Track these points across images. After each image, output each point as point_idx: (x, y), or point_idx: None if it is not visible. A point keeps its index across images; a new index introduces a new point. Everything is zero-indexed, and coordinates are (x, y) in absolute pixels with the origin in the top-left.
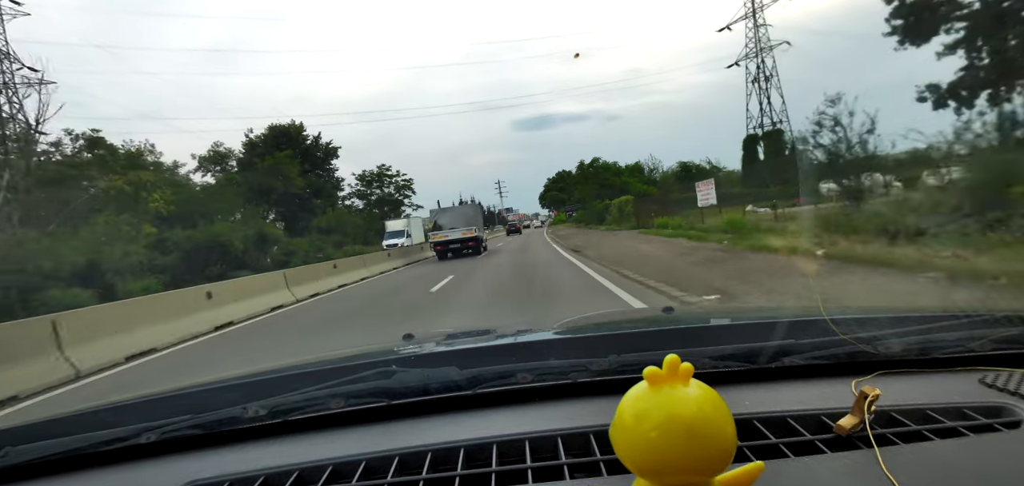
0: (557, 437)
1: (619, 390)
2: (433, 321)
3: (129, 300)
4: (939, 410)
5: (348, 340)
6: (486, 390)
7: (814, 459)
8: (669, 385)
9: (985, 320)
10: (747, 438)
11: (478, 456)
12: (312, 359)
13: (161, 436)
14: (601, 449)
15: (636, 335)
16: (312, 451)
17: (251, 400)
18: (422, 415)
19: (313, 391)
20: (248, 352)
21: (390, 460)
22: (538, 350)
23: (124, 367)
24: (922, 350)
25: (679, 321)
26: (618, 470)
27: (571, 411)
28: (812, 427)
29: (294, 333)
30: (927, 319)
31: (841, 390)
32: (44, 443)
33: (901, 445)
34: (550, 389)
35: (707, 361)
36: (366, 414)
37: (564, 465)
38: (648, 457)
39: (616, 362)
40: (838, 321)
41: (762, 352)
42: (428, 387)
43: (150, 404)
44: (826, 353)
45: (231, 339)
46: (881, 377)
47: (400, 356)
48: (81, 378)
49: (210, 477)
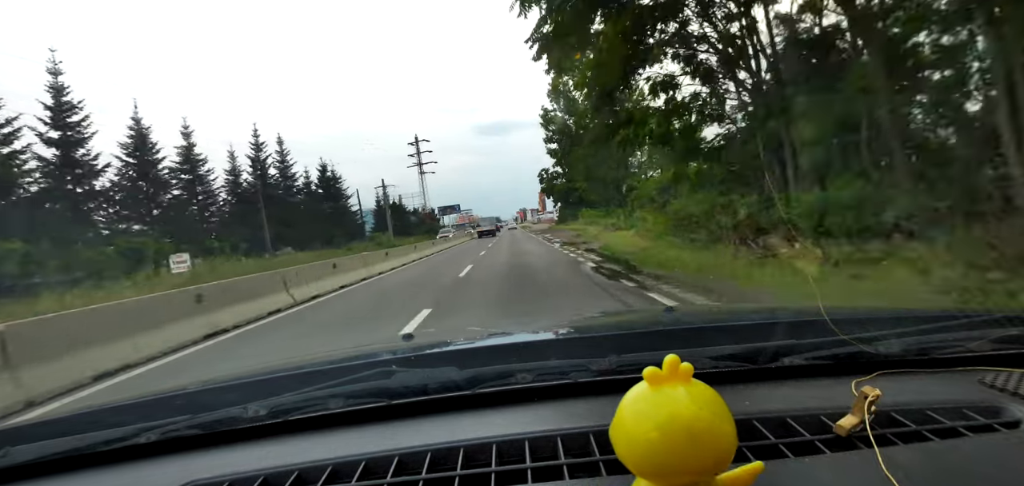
0: (557, 437)
1: (619, 390)
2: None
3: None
4: (939, 410)
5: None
6: (486, 390)
7: (814, 459)
8: (669, 385)
9: (985, 320)
10: (747, 438)
11: (478, 456)
12: (312, 359)
13: (160, 436)
14: (601, 449)
15: (636, 335)
16: (312, 451)
17: (250, 400)
18: (422, 415)
19: (313, 391)
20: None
21: (390, 460)
22: (538, 350)
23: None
24: (922, 350)
25: (679, 321)
26: (618, 470)
27: (571, 411)
28: (812, 427)
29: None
30: (927, 319)
31: (841, 390)
32: (44, 443)
33: (901, 445)
34: (550, 389)
35: (707, 361)
36: (366, 414)
37: (564, 465)
38: (648, 457)
39: (616, 362)
40: (838, 321)
41: (762, 352)
42: (428, 387)
43: (149, 404)
44: (826, 353)
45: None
46: (881, 377)
47: (400, 356)
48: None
49: (210, 477)
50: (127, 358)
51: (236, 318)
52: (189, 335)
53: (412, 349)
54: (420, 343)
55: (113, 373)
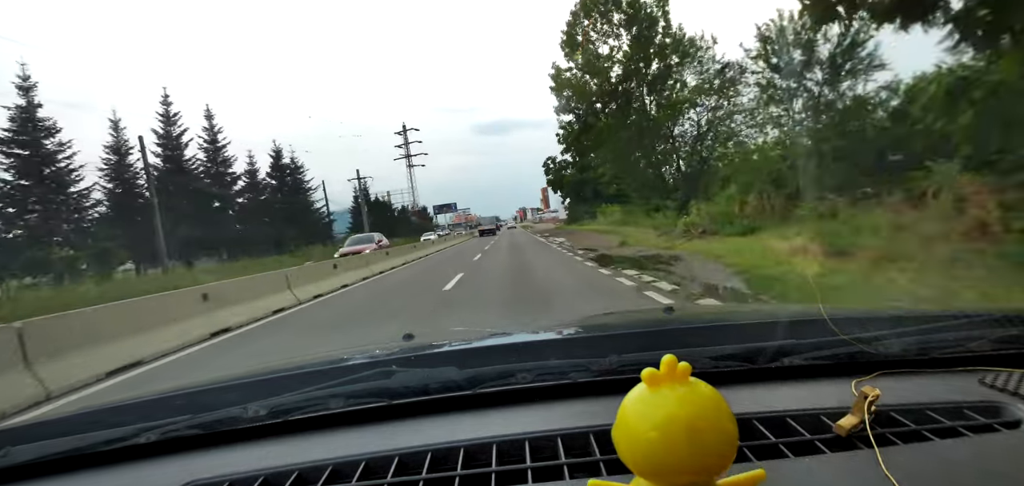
0: (557, 437)
1: (619, 390)
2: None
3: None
4: (939, 410)
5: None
6: (486, 390)
7: (814, 459)
8: (668, 386)
9: (985, 320)
10: (747, 438)
11: (478, 456)
12: (312, 359)
13: (161, 436)
14: (601, 449)
15: (636, 335)
16: (312, 451)
17: (251, 400)
18: (422, 415)
19: (313, 391)
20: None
21: (390, 460)
22: (538, 350)
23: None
24: (922, 350)
25: (679, 321)
26: (618, 470)
27: (571, 411)
28: (812, 427)
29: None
30: (927, 319)
31: (841, 390)
32: (44, 443)
33: (901, 445)
34: (550, 389)
35: (707, 361)
36: (366, 414)
37: (564, 465)
38: (648, 458)
39: (616, 362)
40: (838, 321)
41: (762, 352)
42: (428, 387)
43: (150, 404)
44: (826, 353)
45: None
46: (881, 377)
47: (400, 356)
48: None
49: (210, 477)
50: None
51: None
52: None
53: (412, 349)
54: (420, 343)
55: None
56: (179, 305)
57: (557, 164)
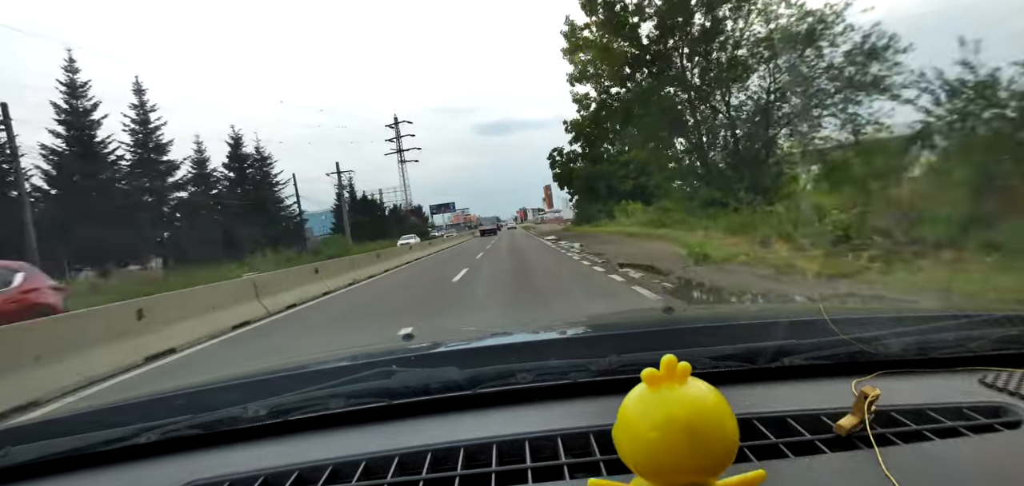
0: (557, 437)
1: (619, 390)
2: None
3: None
4: (939, 410)
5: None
6: (486, 390)
7: (814, 459)
8: (668, 386)
9: (985, 320)
10: (747, 438)
11: (478, 456)
12: (312, 359)
13: (161, 436)
14: (601, 449)
15: (636, 335)
16: (312, 451)
17: (251, 400)
18: (422, 415)
19: (313, 391)
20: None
21: (390, 460)
22: (538, 350)
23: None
24: (922, 350)
25: (679, 321)
26: (618, 470)
27: (571, 411)
28: (812, 427)
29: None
30: (927, 319)
31: (841, 390)
32: (44, 443)
33: (901, 445)
34: (550, 389)
35: (707, 361)
36: (366, 414)
37: (564, 465)
38: (649, 458)
39: (616, 362)
40: (838, 321)
41: (762, 352)
42: (428, 387)
43: (150, 404)
44: (826, 353)
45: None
46: (881, 377)
47: (400, 356)
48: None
49: (210, 477)
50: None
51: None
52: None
53: (412, 349)
54: (420, 343)
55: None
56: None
57: (565, 156)
